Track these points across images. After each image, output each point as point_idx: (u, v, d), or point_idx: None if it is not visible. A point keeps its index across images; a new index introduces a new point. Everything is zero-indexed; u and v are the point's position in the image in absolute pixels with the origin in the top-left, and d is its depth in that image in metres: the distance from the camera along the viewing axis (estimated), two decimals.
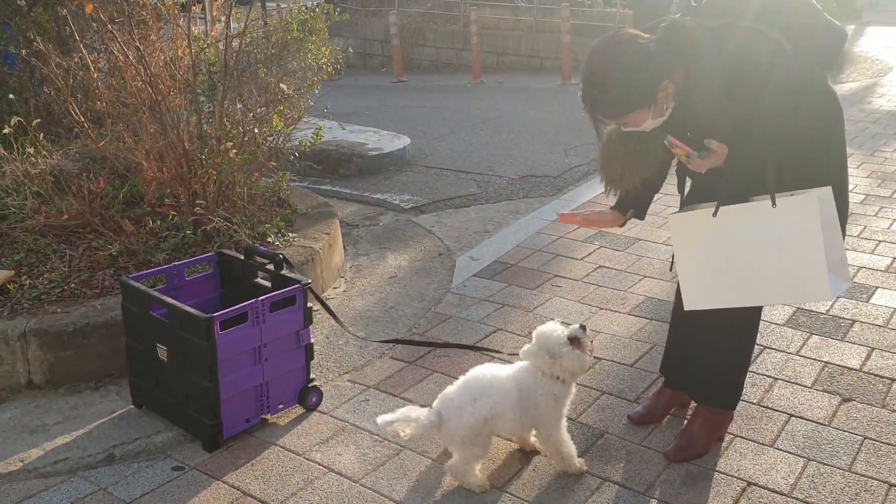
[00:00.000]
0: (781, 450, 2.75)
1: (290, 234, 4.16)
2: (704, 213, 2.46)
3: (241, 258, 3.24)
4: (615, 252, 4.62)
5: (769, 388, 3.13)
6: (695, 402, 2.83)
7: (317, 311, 3.80)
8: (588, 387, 3.19)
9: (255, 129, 4.14)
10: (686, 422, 2.85)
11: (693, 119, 2.37)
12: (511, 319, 3.81)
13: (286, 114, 4.42)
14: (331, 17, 4.59)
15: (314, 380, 3.10)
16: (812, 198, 2.30)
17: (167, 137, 3.93)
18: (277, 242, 4.05)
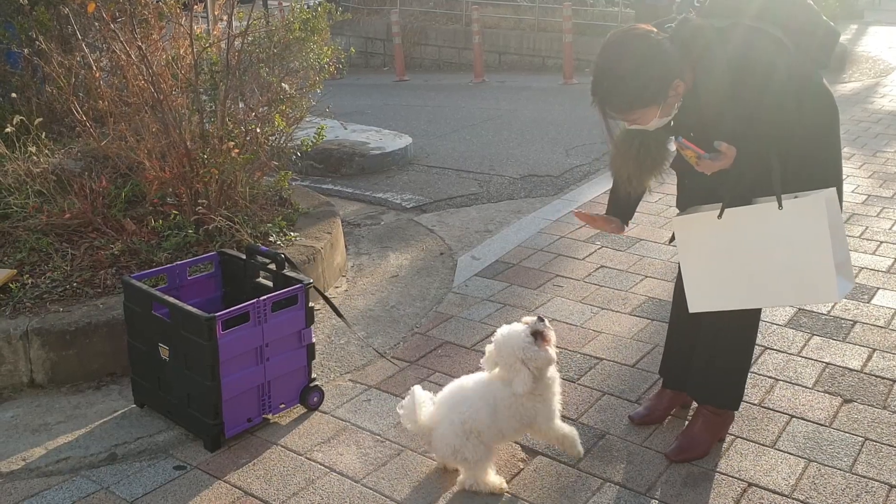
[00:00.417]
0: (782, 451, 2.75)
1: (292, 234, 4.17)
2: (709, 216, 2.45)
3: (243, 258, 3.25)
4: (617, 252, 4.62)
5: (770, 389, 3.14)
6: (696, 403, 2.84)
7: (318, 311, 3.80)
8: (589, 387, 3.19)
9: (257, 129, 4.14)
10: (687, 423, 2.85)
11: (697, 120, 2.37)
12: (513, 319, 3.76)
13: (288, 113, 4.42)
14: (333, 17, 4.59)
15: (315, 379, 3.11)
16: (820, 200, 2.30)
17: (169, 137, 3.93)
18: (279, 242, 4.05)
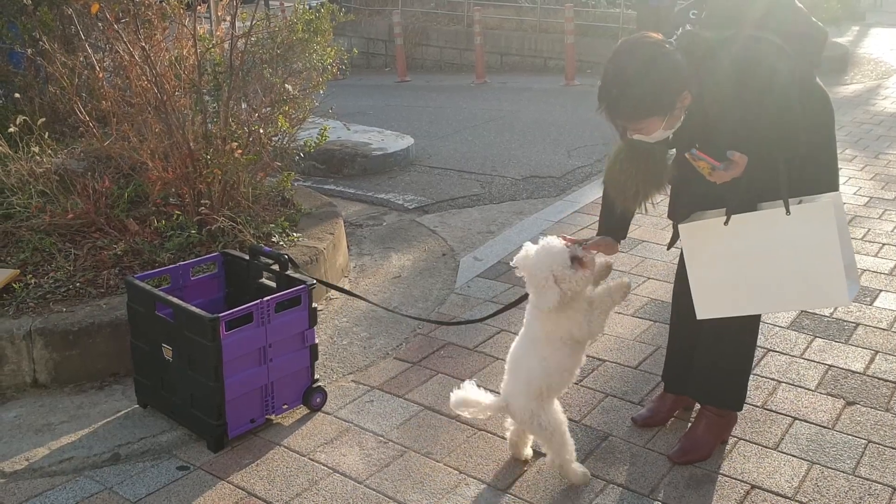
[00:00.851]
0: (785, 453, 2.75)
1: (295, 234, 4.17)
2: (716, 222, 2.45)
3: (247, 258, 3.25)
4: (619, 254, 4.61)
5: (773, 391, 3.14)
6: (699, 404, 2.84)
7: (321, 312, 3.81)
8: (592, 389, 3.19)
9: (260, 129, 4.14)
10: (690, 425, 2.85)
11: (702, 130, 2.37)
12: (515, 321, 3.79)
13: (291, 114, 4.42)
14: (336, 18, 4.59)
15: (318, 380, 3.11)
16: (828, 205, 2.31)
17: (172, 137, 3.93)
18: (282, 242, 4.05)
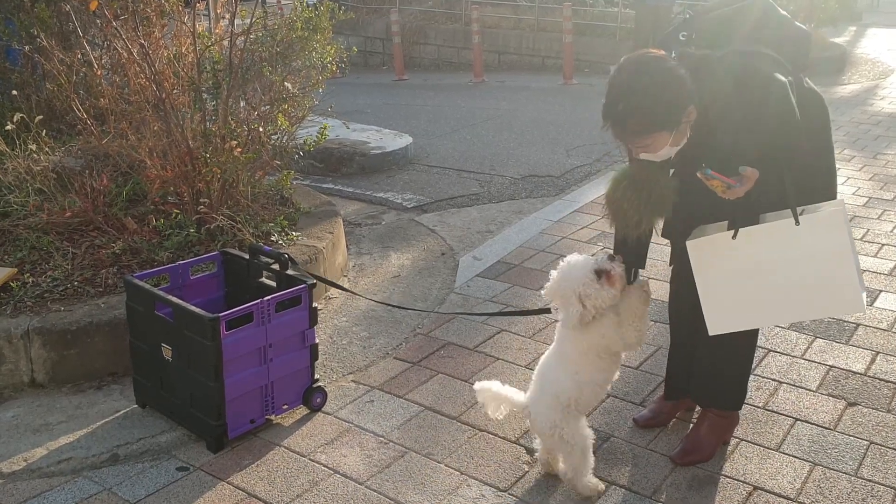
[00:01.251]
0: (787, 454, 2.75)
1: (294, 233, 4.15)
2: (723, 237, 2.42)
3: (246, 257, 3.23)
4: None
5: (774, 392, 3.13)
6: (700, 407, 2.83)
7: (320, 311, 3.79)
8: None
9: (260, 128, 4.12)
10: (692, 426, 2.85)
11: (707, 147, 2.35)
12: (515, 321, 3.79)
13: (291, 112, 4.40)
14: (336, 16, 4.57)
15: (318, 380, 3.10)
16: (838, 213, 2.31)
17: (171, 135, 3.91)
18: (281, 241, 4.03)
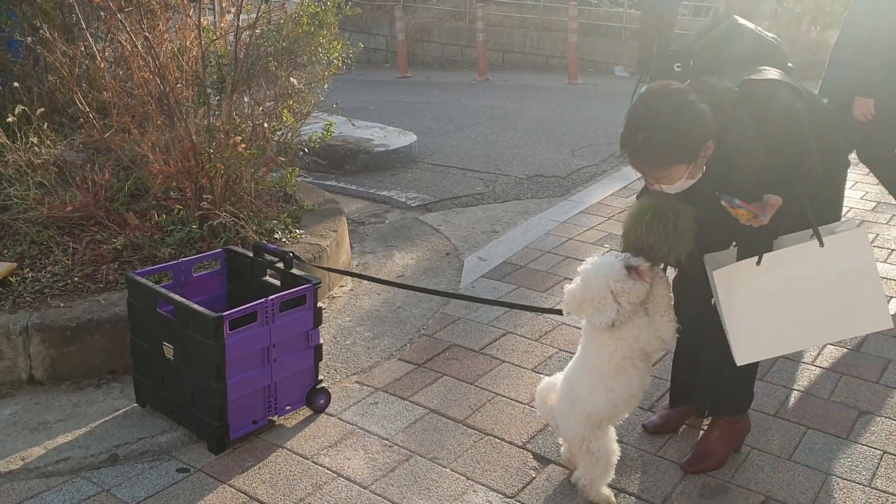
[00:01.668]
0: (799, 463, 2.70)
1: (297, 231, 4.10)
2: (747, 264, 2.38)
3: (250, 255, 3.17)
4: None
5: (785, 400, 3.08)
6: (710, 417, 2.78)
7: (325, 311, 3.73)
8: None
9: (265, 124, 4.07)
10: (702, 433, 2.79)
11: (724, 179, 2.31)
12: (521, 322, 3.74)
13: (296, 108, 4.34)
14: (342, 11, 4.51)
15: (322, 381, 3.04)
16: (861, 232, 2.33)
17: (174, 130, 3.85)
18: (284, 239, 3.98)
